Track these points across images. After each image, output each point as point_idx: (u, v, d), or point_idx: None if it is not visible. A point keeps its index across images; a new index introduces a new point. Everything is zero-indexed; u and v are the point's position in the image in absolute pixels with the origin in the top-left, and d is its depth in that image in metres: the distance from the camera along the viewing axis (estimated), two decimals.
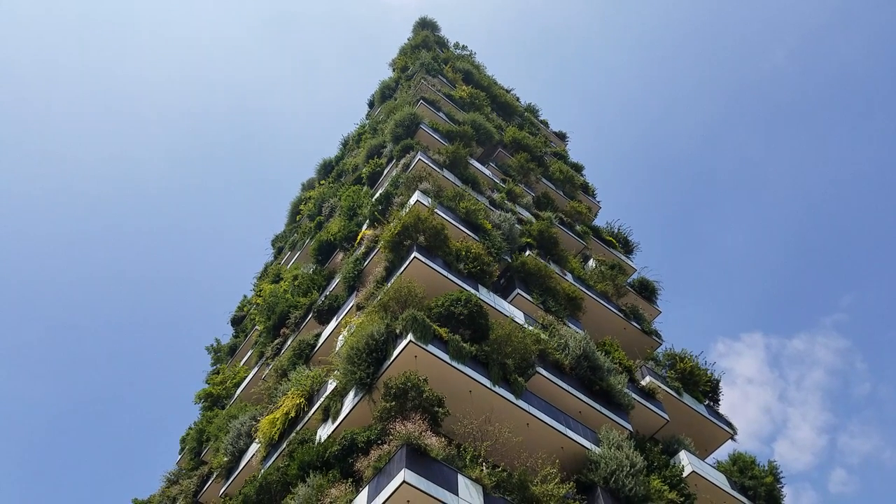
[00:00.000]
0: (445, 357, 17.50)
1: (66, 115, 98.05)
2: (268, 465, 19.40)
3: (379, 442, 15.35)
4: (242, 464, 22.23)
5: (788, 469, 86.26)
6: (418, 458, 14.15)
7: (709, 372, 25.84)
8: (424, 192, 25.28)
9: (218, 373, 33.51)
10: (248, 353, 31.83)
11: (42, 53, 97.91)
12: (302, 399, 20.25)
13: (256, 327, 31.40)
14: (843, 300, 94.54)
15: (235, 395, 29.21)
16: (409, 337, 17.30)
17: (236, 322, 37.49)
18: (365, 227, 27.11)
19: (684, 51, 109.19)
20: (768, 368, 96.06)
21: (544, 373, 19.76)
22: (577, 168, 41.42)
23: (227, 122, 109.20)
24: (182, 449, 30.40)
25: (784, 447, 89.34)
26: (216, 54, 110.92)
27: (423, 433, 14.64)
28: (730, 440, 24.59)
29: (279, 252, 40.42)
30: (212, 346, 37.50)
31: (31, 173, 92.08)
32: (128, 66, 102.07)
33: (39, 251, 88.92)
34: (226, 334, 37.94)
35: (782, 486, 21.82)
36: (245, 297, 38.81)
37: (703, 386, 25.24)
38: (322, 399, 19.23)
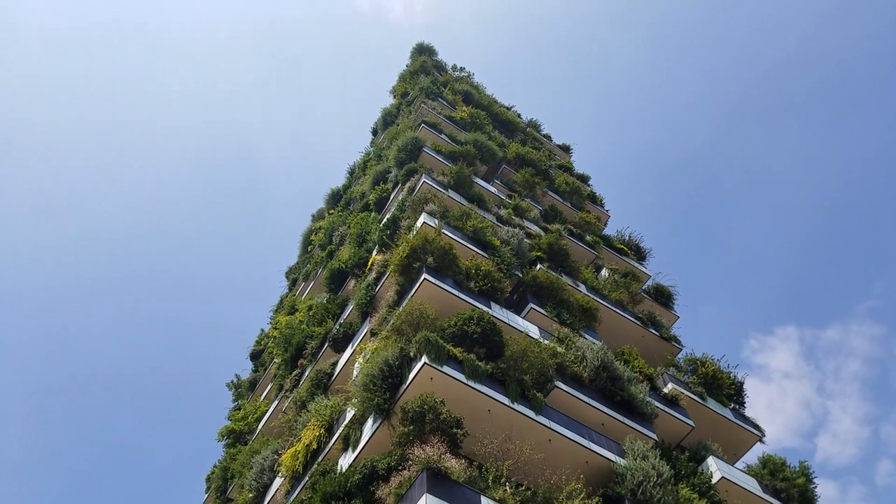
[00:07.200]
0: (461, 377, 17.39)
1: (80, 166, 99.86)
2: (291, 498, 19.30)
3: (399, 468, 15.22)
4: (267, 499, 22.10)
5: (833, 463, 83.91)
6: (440, 481, 14.02)
7: (732, 374, 25.48)
8: (431, 214, 25.36)
9: (239, 408, 33.50)
10: (268, 387, 31.84)
11: (51, 103, 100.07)
12: (322, 429, 20.18)
13: (275, 360, 31.44)
14: (876, 286, 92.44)
15: (257, 430, 29.18)
16: (424, 359, 17.23)
17: (255, 356, 37.54)
18: (374, 252, 27.21)
19: (688, 45, 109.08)
20: (804, 361, 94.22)
21: (563, 386, 19.56)
22: (584, 178, 41.34)
23: (236, 161, 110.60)
24: (208, 488, 30.34)
25: (826, 441, 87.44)
26: (224, 94, 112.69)
27: (443, 456, 14.52)
28: (758, 442, 24.15)
29: (293, 283, 40.59)
30: (232, 381, 37.53)
31: (58, 224, 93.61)
32: (143, 114, 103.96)
33: (63, 299, 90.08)
34: (246, 369, 38.04)
35: (815, 486, 21.37)
36: (262, 330, 38.86)
37: (727, 389, 24.89)
38: (342, 428, 19.15)
